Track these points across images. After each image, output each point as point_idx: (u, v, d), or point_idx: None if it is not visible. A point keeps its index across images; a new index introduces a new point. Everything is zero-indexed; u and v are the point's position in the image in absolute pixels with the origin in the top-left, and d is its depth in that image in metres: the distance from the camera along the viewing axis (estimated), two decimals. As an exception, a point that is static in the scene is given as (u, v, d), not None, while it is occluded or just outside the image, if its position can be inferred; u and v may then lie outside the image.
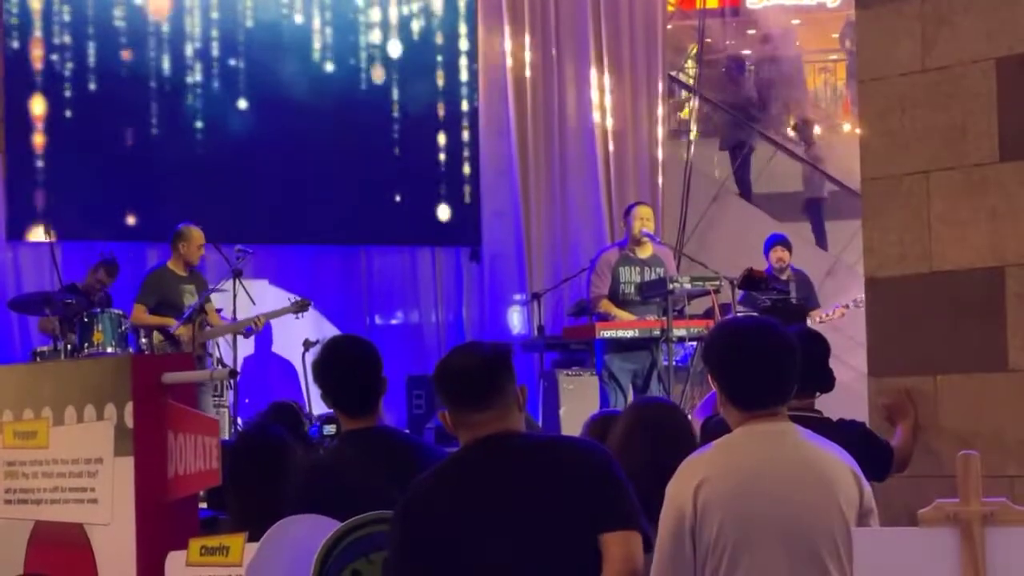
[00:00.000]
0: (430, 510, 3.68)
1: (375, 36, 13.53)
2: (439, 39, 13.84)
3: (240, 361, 11.12)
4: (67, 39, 12.08)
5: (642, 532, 3.64)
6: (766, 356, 3.86)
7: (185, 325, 10.33)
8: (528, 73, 14.16)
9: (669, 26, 15.79)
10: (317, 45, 13.23)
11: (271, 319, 10.95)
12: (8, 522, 6.11)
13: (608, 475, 3.67)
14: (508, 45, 14.09)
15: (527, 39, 14.17)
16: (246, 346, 11.66)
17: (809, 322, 10.69)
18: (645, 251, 10.51)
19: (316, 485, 4.46)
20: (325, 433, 9.24)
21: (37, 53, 11.98)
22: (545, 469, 3.67)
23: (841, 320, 10.97)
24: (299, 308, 10.96)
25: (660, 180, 14.68)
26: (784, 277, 11.37)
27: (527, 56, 14.17)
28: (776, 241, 11.69)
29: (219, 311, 10.84)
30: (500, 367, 3.79)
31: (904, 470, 5.58)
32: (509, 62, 14.08)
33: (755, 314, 9.54)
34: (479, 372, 3.76)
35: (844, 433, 4.90)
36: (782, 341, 3.90)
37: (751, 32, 19.29)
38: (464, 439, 3.76)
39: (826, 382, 5.30)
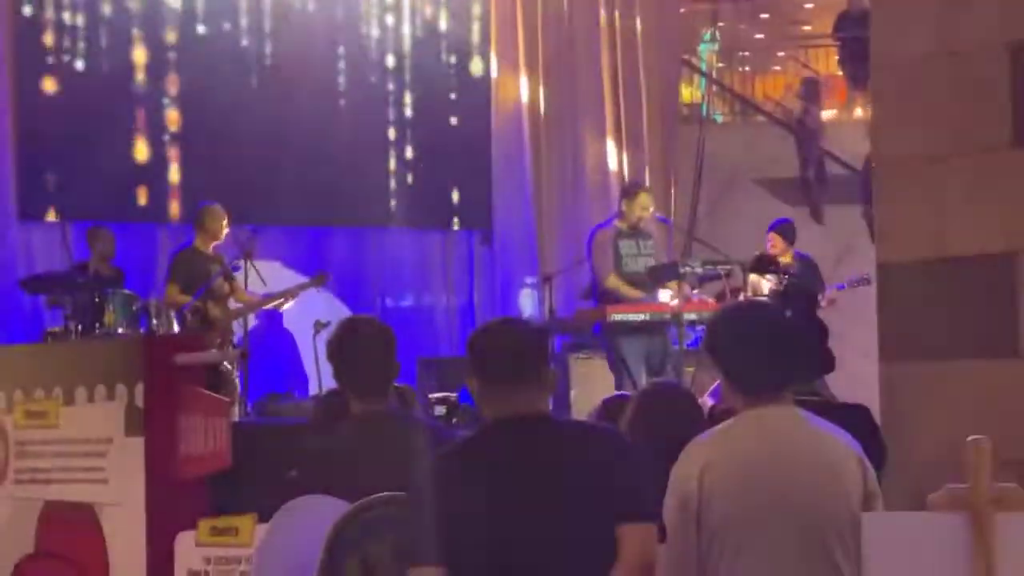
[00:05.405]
0: (454, 485, 3.65)
1: (389, 18, 13.51)
2: (452, 21, 13.81)
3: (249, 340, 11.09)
4: (79, 19, 12.06)
5: (658, 524, 3.65)
6: (767, 340, 3.87)
7: (214, 303, 10.31)
8: (541, 55, 14.13)
9: (682, 9, 15.76)
10: (330, 26, 13.21)
11: (297, 294, 10.90)
12: (18, 501, 6.13)
13: (630, 466, 3.67)
14: (521, 27, 14.06)
15: (539, 22, 14.14)
16: (256, 325, 11.65)
17: (823, 302, 10.67)
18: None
19: (327, 467, 4.46)
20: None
21: (49, 33, 11.95)
22: (569, 455, 3.66)
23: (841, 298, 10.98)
24: (319, 282, 10.94)
25: (673, 162, 14.65)
26: (784, 261, 11.26)
27: (540, 39, 14.14)
28: (771, 227, 11.57)
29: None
30: (540, 347, 3.76)
31: None
32: (522, 44, 14.05)
33: (763, 298, 9.50)
34: (520, 350, 3.71)
35: (847, 418, 4.89)
36: (783, 324, 3.91)
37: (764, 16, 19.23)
38: (489, 413, 3.73)
39: (826, 364, 5.29)
